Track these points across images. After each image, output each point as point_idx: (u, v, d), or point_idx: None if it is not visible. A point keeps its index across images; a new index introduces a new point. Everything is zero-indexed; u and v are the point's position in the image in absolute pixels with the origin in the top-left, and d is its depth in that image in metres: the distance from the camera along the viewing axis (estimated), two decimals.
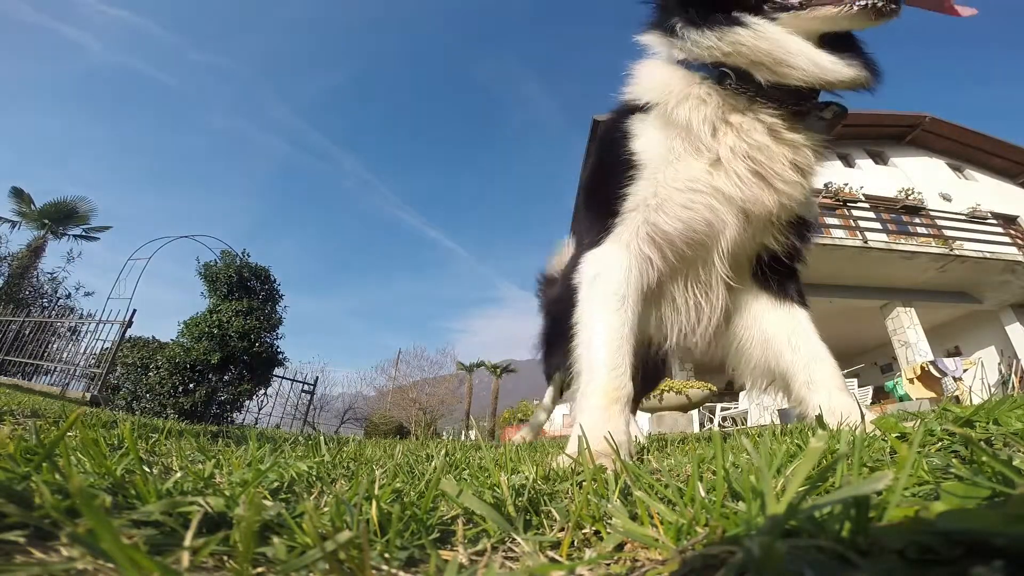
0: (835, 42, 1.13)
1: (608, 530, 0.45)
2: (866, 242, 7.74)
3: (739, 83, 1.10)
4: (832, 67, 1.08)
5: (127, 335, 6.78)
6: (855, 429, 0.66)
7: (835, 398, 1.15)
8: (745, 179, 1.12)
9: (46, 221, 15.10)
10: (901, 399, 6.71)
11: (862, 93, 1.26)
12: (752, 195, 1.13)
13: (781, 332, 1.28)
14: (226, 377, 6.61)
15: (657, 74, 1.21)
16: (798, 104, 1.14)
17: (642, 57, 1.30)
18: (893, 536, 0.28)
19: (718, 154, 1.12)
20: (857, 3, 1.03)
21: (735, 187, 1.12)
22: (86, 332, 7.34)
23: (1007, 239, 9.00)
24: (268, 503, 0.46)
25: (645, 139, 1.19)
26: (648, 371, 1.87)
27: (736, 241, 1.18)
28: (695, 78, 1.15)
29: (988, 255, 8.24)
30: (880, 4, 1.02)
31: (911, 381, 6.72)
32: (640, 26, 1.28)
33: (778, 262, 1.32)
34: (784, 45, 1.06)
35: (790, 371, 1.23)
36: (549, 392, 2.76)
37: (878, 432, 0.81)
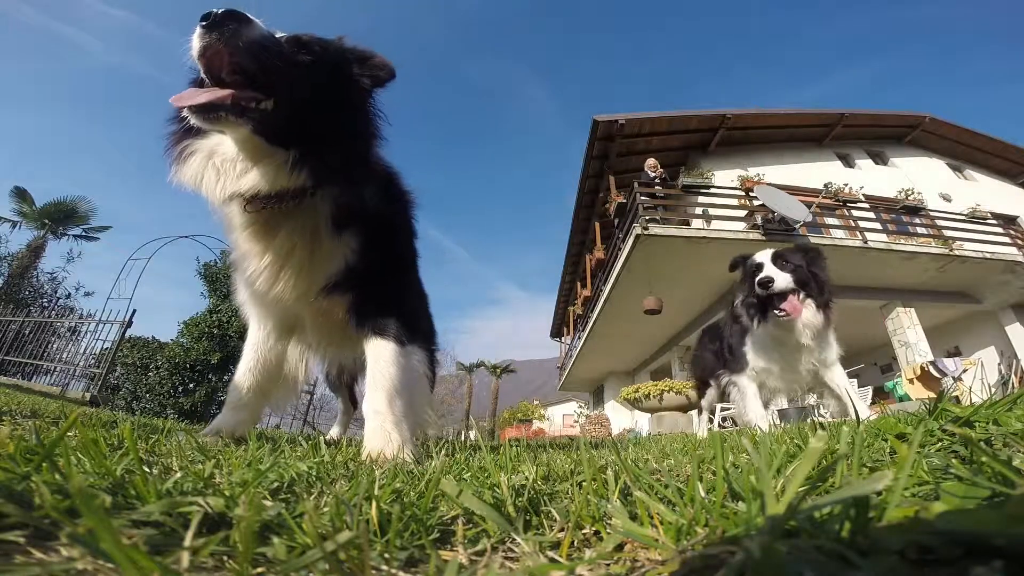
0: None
1: (608, 530, 0.45)
2: (866, 242, 7.74)
3: None
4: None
5: (127, 335, 6.78)
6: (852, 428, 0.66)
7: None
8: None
9: (46, 221, 15.10)
10: (901, 399, 6.71)
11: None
12: None
13: None
14: (226, 377, 6.61)
15: None
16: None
17: None
18: (893, 536, 0.28)
19: None
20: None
21: None
22: (86, 332, 7.33)
23: (1007, 239, 9.00)
24: (268, 503, 0.46)
25: None
26: None
27: None
28: None
29: (988, 255, 8.24)
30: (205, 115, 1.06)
31: (911, 381, 6.72)
32: None
33: None
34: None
35: None
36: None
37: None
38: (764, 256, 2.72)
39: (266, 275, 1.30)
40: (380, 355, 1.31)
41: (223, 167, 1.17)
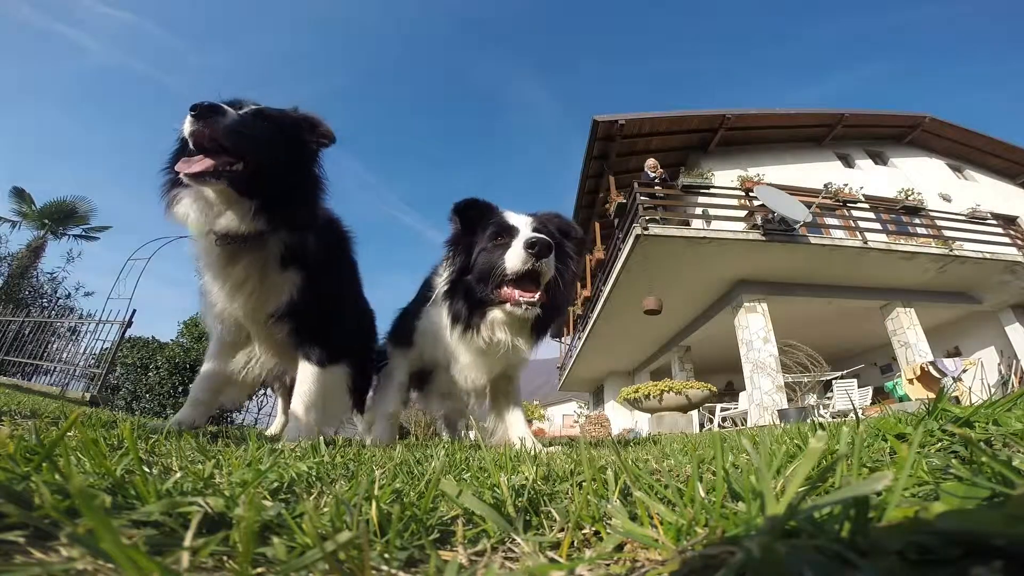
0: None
1: (608, 530, 0.45)
2: (866, 242, 7.73)
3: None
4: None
5: (127, 335, 6.78)
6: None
7: None
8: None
9: (46, 221, 15.10)
10: (901, 399, 6.70)
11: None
12: None
13: None
14: None
15: None
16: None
17: None
18: (893, 536, 0.28)
19: None
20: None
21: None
22: (86, 332, 7.34)
23: (1007, 239, 8.99)
24: (268, 503, 0.46)
25: None
26: None
27: None
28: None
29: (988, 255, 8.23)
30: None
31: (911, 382, 6.71)
32: None
33: None
34: None
35: None
36: None
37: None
38: (521, 220, 1.84)
39: (224, 297, 1.64)
40: (304, 375, 1.71)
41: (204, 209, 1.50)
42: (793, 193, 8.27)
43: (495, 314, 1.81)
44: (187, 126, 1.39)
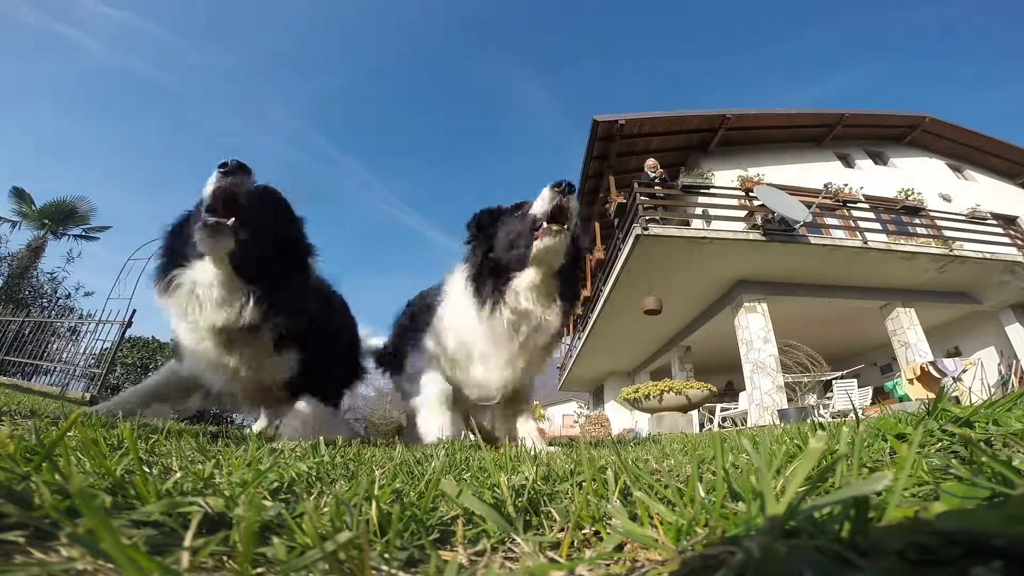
0: None
1: (608, 530, 0.45)
2: (866, 242, 7.73)
3: None
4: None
5: (127, 335, 6.77)
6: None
7: None
8: None
9: (46, 221, 15.09)
10: (901, 400, 6.70)
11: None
12: None
13: None
14: None
15: None
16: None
17: None
18: (893, 536, 0.28)
19: None
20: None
21: None
22: (86, 332, 7.33)
23: (1007, 239, 8.98)
24: (268, 503, 0.46)
25: None
26: None
27: None
28: None
29: (988, 255, 8.23)
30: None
31: (911, 382, 6.71)
32: None
33: None
34: None
35: None
36: None
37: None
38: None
39: (218, 382, 1.72)
40: (299, 407, 1.83)
41: (203, 297, 1.52)
42: (793, 193, 8.27)
43: (520, 280, 1.81)
44: (212, 181, 1.43)
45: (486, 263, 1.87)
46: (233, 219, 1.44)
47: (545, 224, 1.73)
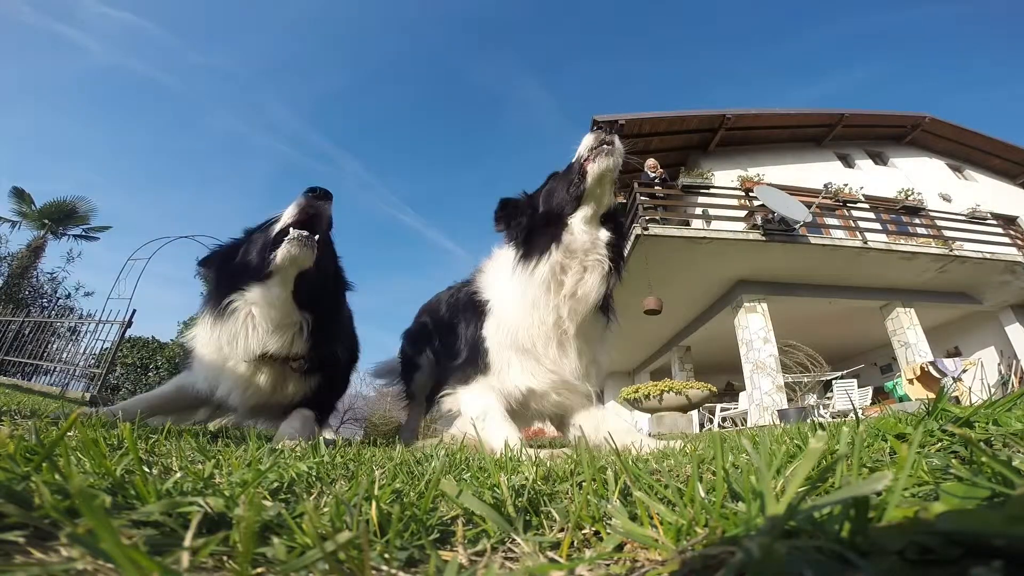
0: None
1: (608, 530, 0.45)
2: (866, 243, 7.73)
3: None
4: None
5: (127, 335, 6.78)
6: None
7: None
8: None
9: (46, 221, 15.10)
10: (901, 399, 6.70)
11: None
12: None
13: None
14: None
15: None
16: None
17: None
18: (893, 536, 0.28)
19: None
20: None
21: None
22: (86, 332, 7.34)
23: (1007, 240, 8.99)
24: (268, 503, 0.46)
25: None
26: None
27: None
28: None
29: (988, 256, 8.23)
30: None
31: (911, 382, 6.71)
32: None
33: None
34: None
35: None
36: None
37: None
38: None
39: (240, 399, 1.74)
40: (294, 416, 1.79)
41: (260, 320, 1.60)
42: (793, 193, 8.27)
43: (574, 219, 1.63)
44: (300, 203, 1.58)
45: (533, 231, 1.70)
46: (316, 236, 1.58)
47: (594, 151, 1.63)
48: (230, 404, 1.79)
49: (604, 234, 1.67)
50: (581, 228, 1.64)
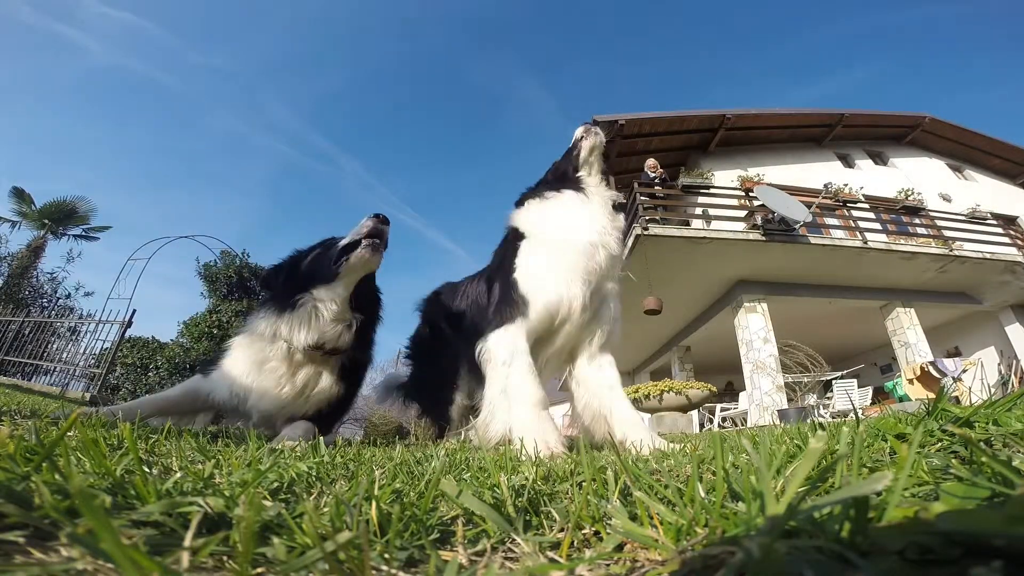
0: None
1: (608, 530, 0.45)
2: (866, 243, 7.74)
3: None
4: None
5: (127, 335, 6.78)
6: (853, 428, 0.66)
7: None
8: None
9: (46, 221, 15.10)
10: (901, 399, 6.70)
11: None
12: None
13: None
14: None
15: None
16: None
17: None
18: (893, 536, 0.28)
19: None
20: None
21: None
22: (86, 332, 7.33)
23: (1007, 240, 9.00)
24: (268, 503, 0.46)
25: None
26: None
27: None
28: None
29: (988, 256, 8.24)
30: None
31: (911, 382, 6.71)
32: None
33: None
34: None
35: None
36: None
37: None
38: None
39: (269, 397, 1.80)
40: (297, 424, 1.84)
41: (323, 312, 1.81)
42: (793, 193, 8.28)
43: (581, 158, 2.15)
44: (368, 223, 1.85)
45: (551, 181, 2.19)
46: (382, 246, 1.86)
47: (586, 132, 2.17)
48: (250, 410, 1.84)
49: (603, 187, 2.17)
50: (587, 181, 2.10)
